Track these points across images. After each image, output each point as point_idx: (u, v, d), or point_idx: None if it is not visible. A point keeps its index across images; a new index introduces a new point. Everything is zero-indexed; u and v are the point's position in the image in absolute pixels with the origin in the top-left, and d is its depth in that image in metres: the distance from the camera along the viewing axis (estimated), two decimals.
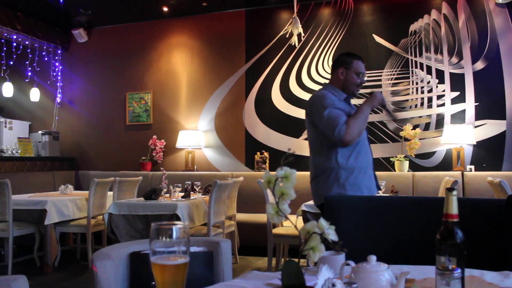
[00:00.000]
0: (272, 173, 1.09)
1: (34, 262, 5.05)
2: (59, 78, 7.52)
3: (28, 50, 6.96)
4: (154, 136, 6.93)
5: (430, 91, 5.97)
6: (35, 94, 7.13)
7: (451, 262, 1.08)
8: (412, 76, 6.04)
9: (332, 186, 2.78)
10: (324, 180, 2.81)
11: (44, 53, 7.26)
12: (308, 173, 6.22)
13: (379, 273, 1.11)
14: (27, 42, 6.91)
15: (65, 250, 5.62)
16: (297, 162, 6.14)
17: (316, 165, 2.88)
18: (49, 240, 4.83)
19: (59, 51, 7.53)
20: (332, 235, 1.03)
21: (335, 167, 2.78)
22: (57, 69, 7.49)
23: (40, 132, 7.02)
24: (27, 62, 6.96)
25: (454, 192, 1.13)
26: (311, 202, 4.32)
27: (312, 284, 0.97)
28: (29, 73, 6.99)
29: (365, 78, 2.97)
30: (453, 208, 1.13)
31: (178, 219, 4.24)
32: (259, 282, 1.37)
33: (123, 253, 1.86)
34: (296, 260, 1.05)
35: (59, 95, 7.53)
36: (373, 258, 1.16)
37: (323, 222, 1.04)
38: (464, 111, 5.79)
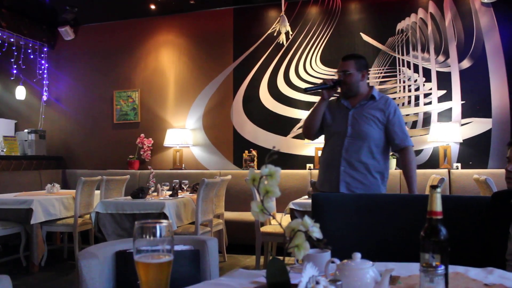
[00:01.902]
0: (258, 171, 1.09)
1: (20, 262, 4.99)
2: (45, 76, 7.44)
3: (14, 48, 6.87)
4: (142, 135, 6.89)
5: (417, 89, 6.01)
6: (21, 92, 7.06)
7: (434, 259, 1.09)
8: (399, 74, 6.08)
9: None
10: None
11: (30, 51, 7.17)
12: (295, 171, 6.24)
13: (364, 271, 1.12)
14: (12, 40, 6.82)
15: (52, 250, 5.56)
16: (283, 160, 6.15)
17: None
18: (35, 239, 4.78)
19: (45, 49, 7.44)
20: (316, 233, 1.04)
21: None
22: (43, 67, 7.41)
23: (26, 130, 6.94)
24: (12, 60, 6.87)
25: (438, 190, 1.14)
26: (299, 200, 4.34)
27: (297, 282, 0.97)
28: (15, 71, 6.91)
29: (348, 72, 3.01)
30: (437, 205, 1.14)
31: (166, 217, 4.22)
32: (245, 280, 1.37)
33: (108, 252, 1.84)
34: (282, 258, 1.05)
35: (45, 93, 7.45)
36: (357, 255, 1.16)
37: (307, 219, 1.04)
38: (450, 109, 5.84)
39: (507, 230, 1.87)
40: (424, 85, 5.98)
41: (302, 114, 6.33)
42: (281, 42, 5.80)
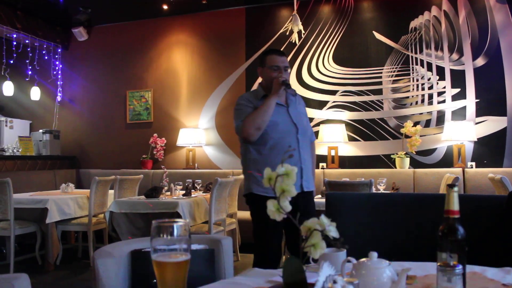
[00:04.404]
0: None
1: (35, 261, 5.06)
2: (59, 76, 7.52)
3: (28, 49, 6.95)
4: (155, 134, 6.93)
5: (430, 87, 5.96)
6: (35, 93, 7.13)
7: (452, 258, 1.08)
8: (413, 73, 6.04)
9: (248, 180, 2.91)
10: (244, 174, 2.96)
11: (44, 52, 7.25)
12: None
13: (381, 270, 1.11)
14: (27, 41, 6.90)
15: (67, 249, 5.62)
16: None
17: (241, 160, 3.03)
18: (50, 238, 4.84)
19: (59, 50, 7.52)
20: (333, 232, 1.03)
21: (248, 163, 2.90)
22: (57, 68, 7.49)
23: (41, 130, 7.02)
24: (27, 61, 6.95)
25: (455, 189, 1.13)
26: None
27: (314, 281, 0.97)
28: (29, 72, 6.98)
29: (289, 70, 3.01)
30: (454, 204, 1.13)
31: (179, 217, 4.24)
32: (261, 279, 1.37)
33: (124, 251, 1.85)
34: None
35: (59, 94, 7.52)
36: (374, 254, 1.16)
37: (324, 219, 1.04)
38: (464, 107, 5.79)
39: None
40: (437, 83, 5.93)
41: (314, 113, 6.31)
42: (293, 41, 5.79)
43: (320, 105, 6.32)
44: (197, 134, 6.69)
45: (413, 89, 6.02)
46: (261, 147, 2.85)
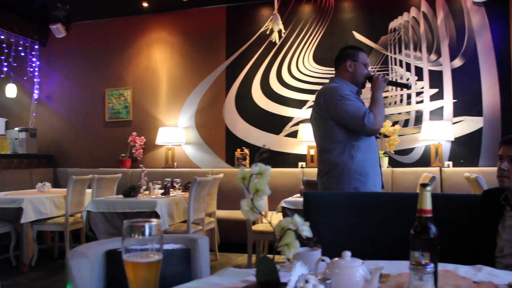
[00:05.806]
0: (249, 169, 1.08)
1: (10, 262, 4.96)
2: (36, 73, 7.38)
3: (4, 45, 6.81)
4: (134, 133, 6.86)
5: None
6: (11, 90, 7.00)
7: (424, 257, 1.09)
8: (392, 73, 6.09)
9: (344, 180, 2.68)
10: (337, 175, 2.70)
11: (20, 48, 7.11)
12: (288, 169, 6.22)
13: (354, 269, 1.12)
14: (2, 37, 6.76)
15: (42, 249, 5.53)
16: (274, 158, 6.14)
17: (326, 160, 2.76)
18: (25, 239, 4.75)
19: (37, 46, 7.38)
20: (306, 231, 1.03)
21: (348, 161, 2.68)
22: (34, 65, 7.35)
23: (16, 128, 6.88)
24: (2, 57, 6.81)
25: (428, 188, 1.14)
26: (291, 199, 4.33)
27: (287, 280, 0.97)
28: (5, 69, 6.84)
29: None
30: (427, 203, 1.14)
31: (158, 216, 4.21)
32: (235, 279, 1.37)
33: (99, 251, 1.83)
34: (272, 256, 1.05)
35: (36, 91, 7.39)
36: (347, 253, 1.16)
37: (297, 218, 1.03)
38: (442, 107, 5.87)
39: (497, 227, 1.88)
40: (416, 83, 6.00)
41: (294, 113, 6.33)
42: (274, 41, 5.79)
43: (300, 104, 6.34)
44: (177, 132, 6.65)
45: (392, 89, 6.08)
46: (364, 146, 2.73)
